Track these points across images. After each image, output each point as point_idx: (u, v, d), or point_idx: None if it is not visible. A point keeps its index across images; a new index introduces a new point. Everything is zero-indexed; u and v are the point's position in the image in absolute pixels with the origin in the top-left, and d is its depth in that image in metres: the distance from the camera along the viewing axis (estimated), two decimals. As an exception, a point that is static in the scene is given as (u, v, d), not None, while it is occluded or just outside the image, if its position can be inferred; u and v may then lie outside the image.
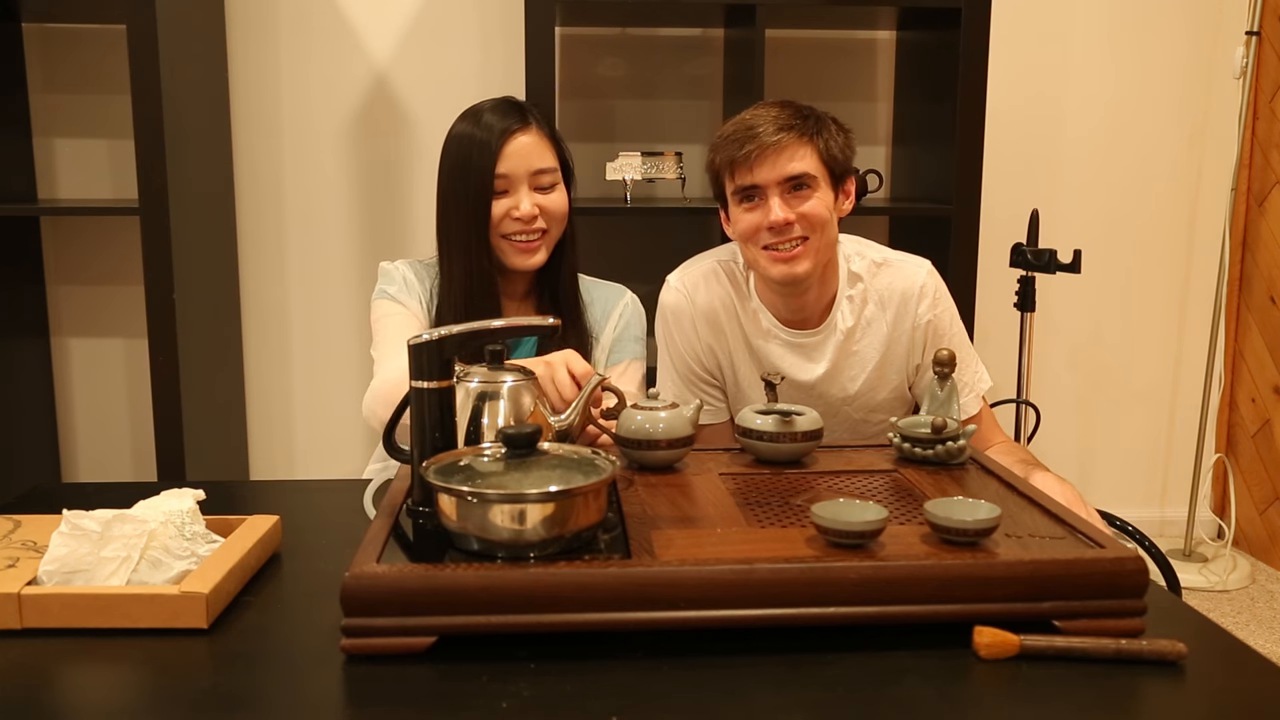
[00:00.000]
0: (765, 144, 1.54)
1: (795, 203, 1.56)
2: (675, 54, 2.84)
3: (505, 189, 1.62)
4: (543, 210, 1.63)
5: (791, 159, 1.55)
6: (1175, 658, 0.92)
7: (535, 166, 1.63)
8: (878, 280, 1.66)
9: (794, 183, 1.55)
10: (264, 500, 1.52)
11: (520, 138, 1.62)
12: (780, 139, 1.54)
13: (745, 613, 0.94)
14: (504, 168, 1.61)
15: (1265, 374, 3.06)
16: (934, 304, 1.64)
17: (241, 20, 2.74)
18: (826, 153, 1.57)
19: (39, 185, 2.73)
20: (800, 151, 1.55)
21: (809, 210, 1.55)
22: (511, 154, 1.61)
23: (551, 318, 1.22)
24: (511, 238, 1.63)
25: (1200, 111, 3.02)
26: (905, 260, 1.68)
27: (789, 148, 1.54)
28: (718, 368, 1.71)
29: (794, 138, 1.54)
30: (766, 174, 1.55)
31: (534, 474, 1.03)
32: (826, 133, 1.57)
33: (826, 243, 1.59)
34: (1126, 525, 1.88)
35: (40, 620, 0.99)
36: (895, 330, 1.64)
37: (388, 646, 0.93)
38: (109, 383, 2.84)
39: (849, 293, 1.66)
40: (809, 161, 1.55)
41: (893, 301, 1.64)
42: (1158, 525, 3.17)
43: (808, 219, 1.55)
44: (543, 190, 1.64)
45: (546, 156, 1.65)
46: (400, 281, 1.66)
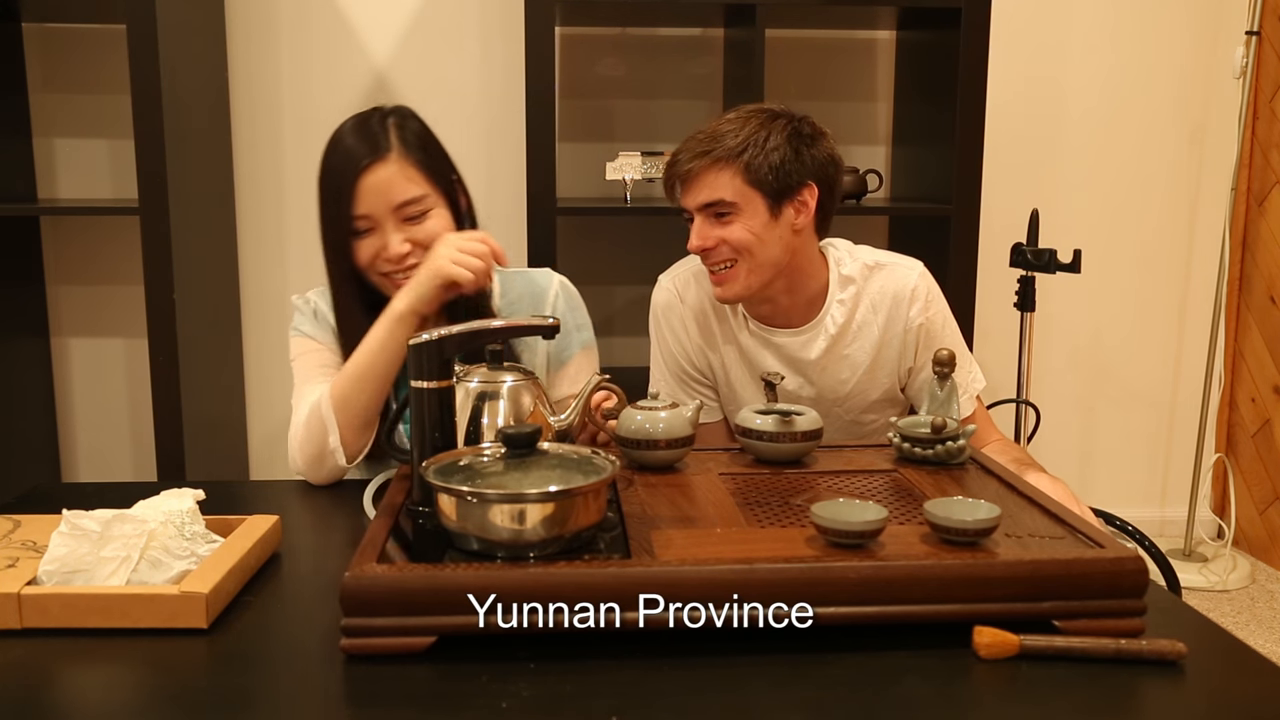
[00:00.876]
0: (679, 172, 1.55)
1: (718, 227, 1.55)
2: (675, 54, 2.84)
3: (369, 228, 1.48)
4: (415, 244, 1.48)
5: (704, 187, 1.53)
6: (1175, 658, 0.92)
7: (396, 200, 1.47)
8: (870, 283, 1.64)
9: (713, 208, 1.54)
10: (264, 500, 1.52)
11: (376, 172, 1.46)
12: (691, 168, 1.53)
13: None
14: (363, 208, 1.47)
15: (1265, 374, 3.06)
16: (925, 306, 1.63)
17: (241, 20, 2.74)
18: (750, 175, 1.51)
19: (39, 185, 2.73)
20: (714, 179, 1.52)
21: (727, 236, 1.54)
22: (368, 191, 1.46)
23: (551, 318, 1.22)
24: (391, 276, 1.50)
25: (1200, 111, 3.02)
26: (897, 263, 1.67)
27: (700, 175, 1.53)
28: (708, 367, 1.71)
29: (707, 164, 1.52)
30: (688, 199, 1.56)
31: (534, 474, 1.03)
32: (752, 150, 1.51)
33: (761, 263, 1.55)
34: (1126, 525, 1.88)
35: (40, 620, 0.99)
36: (887, 333, 1.64)
37: (388, 646, 0.93)
38: (109, 383, 2.84)
39: (841, 296, 1.64)
40: (725, 187, 1.52)
41: (884, 304, 1.63)
42: (1158, 525, 3.17)
43: (729, 244, 1.54)
44: (412, 221, 1.48)
45: (409, 187, 1.47)
46: (311, 316, 1.57)
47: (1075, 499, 1.28)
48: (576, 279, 1.83)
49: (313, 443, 1.45)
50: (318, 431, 1.45)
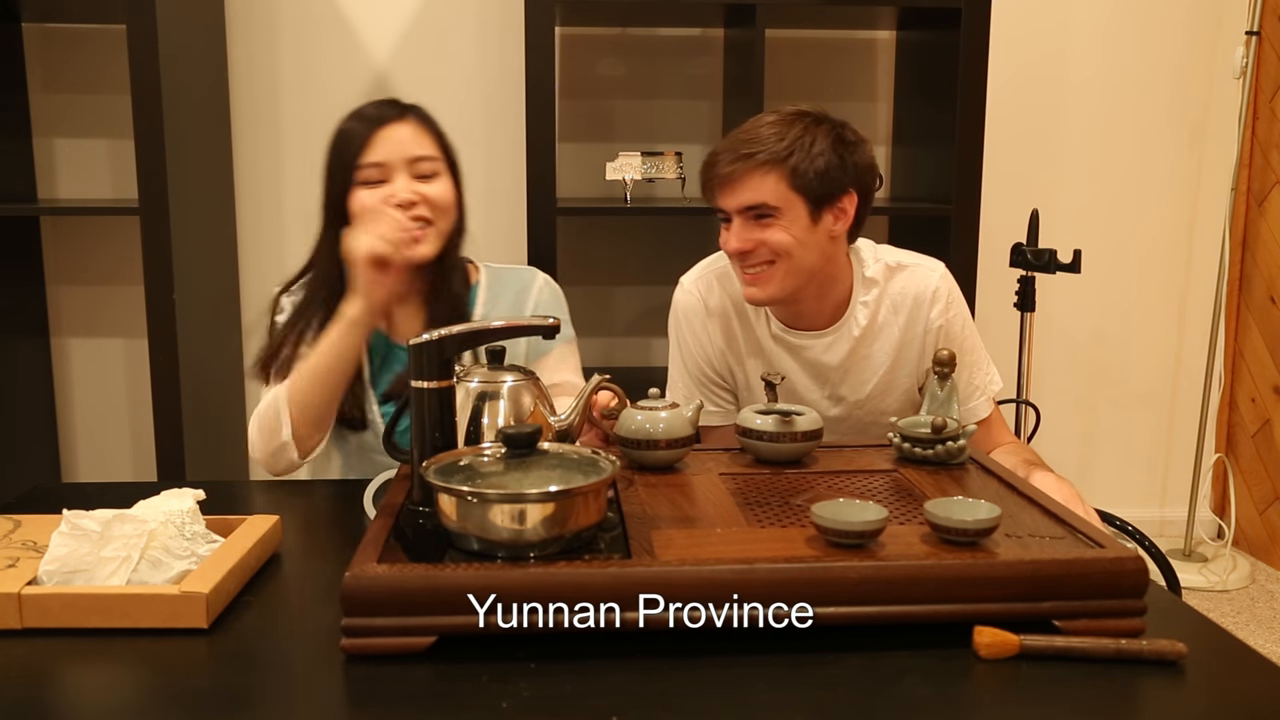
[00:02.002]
0: (720, 175, 1.53)
1: (755, 230, 1.53)
2: (675, 54, 2.84)
3: (382, 178, 1.52)
4: (424, 198, 1.52)
5: (747, 189, 1.51)
6: (1175, 658, 0.92)
7: (412, 153, 1.53)
8: (892, 284, 1.64)
9: (755, 211, 1.52)
10: (264, 500, 1.52)
11: (396, 127, 1.54)
12: (734, 170, 1.51)
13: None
14: (378, 155, 1.51)
15: (1265, 374, 3.06)
16: (946, 308, 1.63)
17: (241, 20, 2.74)
18: (795, 179, 1.50)
19: (39, 185, 2.73)
20: (758, 182, 1.50)
21: (768, 239, 1.52)
22: (385, 140, 1.52)
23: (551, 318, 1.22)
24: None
25: (1200, 111, 3.02)
26: (919, 264, 1.66)
27: (744, 178, 1.51)
28: (728, 370, 1.71)
29: (752, 167, 1.50)
30: (728, 201, 1.54)
31: (534, 474, 1.03)
32: (801, 154, 1.49)
33: (798, 267, 1.54)
34: (1126, 525, 1.88)
35: (40, 620, 0.99)
36: (907, 334, 1.63)
37: (388, 646, 0.93)
38: (109, 383, 2.84)
39: (864, 298, 1.64)
40: (768, 190, 1.50)
41: (905, 305, 1.63)
42: (1158, 525, 3.17)
43: (768, 246, 1.53)
44: (424, 178, 1.53)
45: (425, 144, 1.55)
46: (289, 309, 1.60)
47: (1080, 500, 1.28)
48: (576, 279, 1.84)
49: (265, 436, 1.49)
50: (271, 425, 1.49)
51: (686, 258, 3.08)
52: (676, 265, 2.92)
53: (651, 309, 2.94)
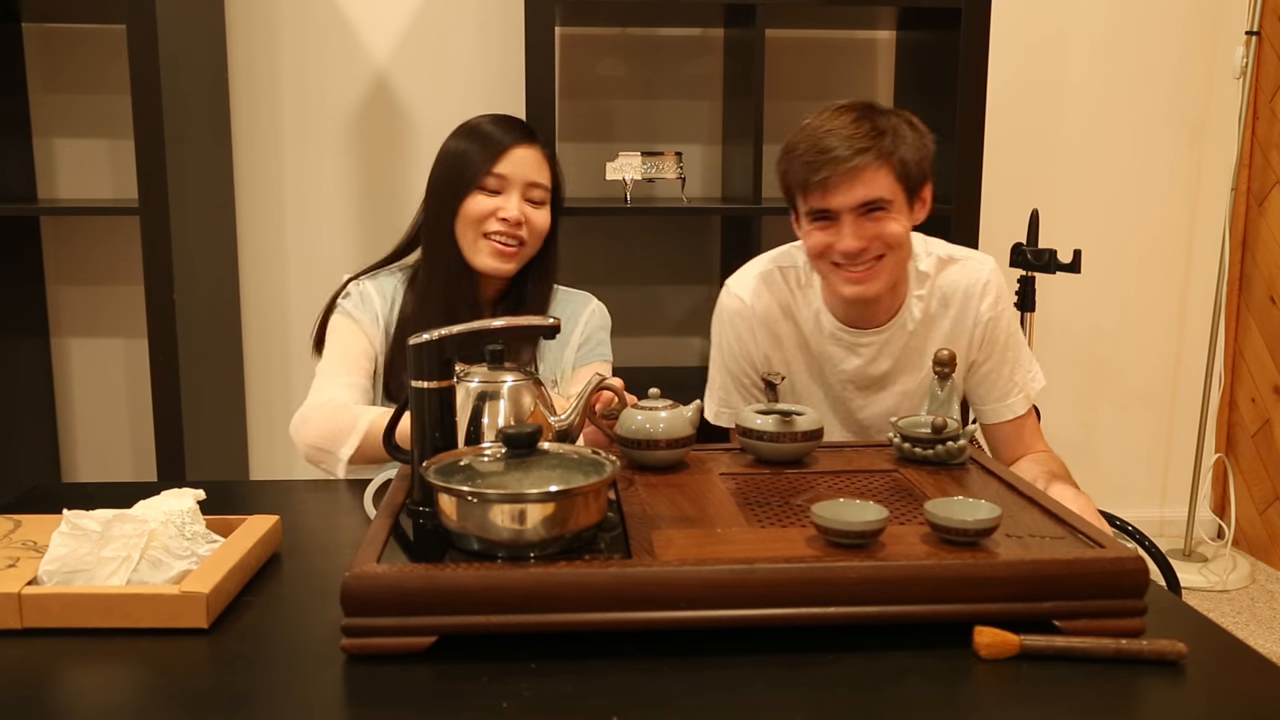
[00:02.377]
0: (839, 170, 1.46)
1: (870, 226, 1.50)
2: (675, 54, 2.84)
3: (499, 189, 1.64)
4: (528, 220, 1.65)
5: (866, 185, 1.47)
6: (1175, 658, 0.92)
7: (532, 178, 1.65)
8: (943, 277, 1.64)
9: (868, 206, 1.49)
10: (264, 500, 1.52)
11: (527, 148, 1.66)
12: (855, 164, 1.46)
13: (745, 613, 0.94)
14: (505, 168, 1.63)
15: (1265, 374, 3.06)
16: (995, 303, 1.63)
17: (241, 20, 2.74)
18: (902, 170, 1.49)
19: (39, 185, 2.73)
20: (875, 176, 1.47)
21: (883, 233, 1.50)
22: (516, 158, 1.64)
23: (552, 318, 1.22)
24: (491, 237, 1.63)
25: (1200, 111, 3.02)
26: (970, 256, 1.67)
27: (864, 172, 1.47)
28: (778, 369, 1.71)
29: (869, 160, 1.46)
30: (840, 200, 1.49)
31: (534, 474, 1.03)
32: (903, 146, 1.49)
33: (903, 258, 1.56)
34: (1126, 525, 1.88)
35: (40, 620, 0.99)
36: (957, 326, 1.63)
37: (388, 646, 0.93)
38: (109, 383, 2.84)
39: (918, 292, 1.64)
40: (884, 185, 1.48)
41: (956, 298, 1.63)
42: (1158, 525, 3.17)
43: (882, 240, 1.50)
44: (533, 204, 1.66)
45: (543, 173, 1.68)
46: (356, 296, 1.68)
47: (1096, 516, 1.27)
48: (576, 279, 1.84)
49: (325, 438, 1.51)
50: (335, 434, 1.50)
51: (686, 258, 3.08)
52: (676, 265, 2.94)
53: (651, 309, 2.94)
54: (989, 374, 1.65)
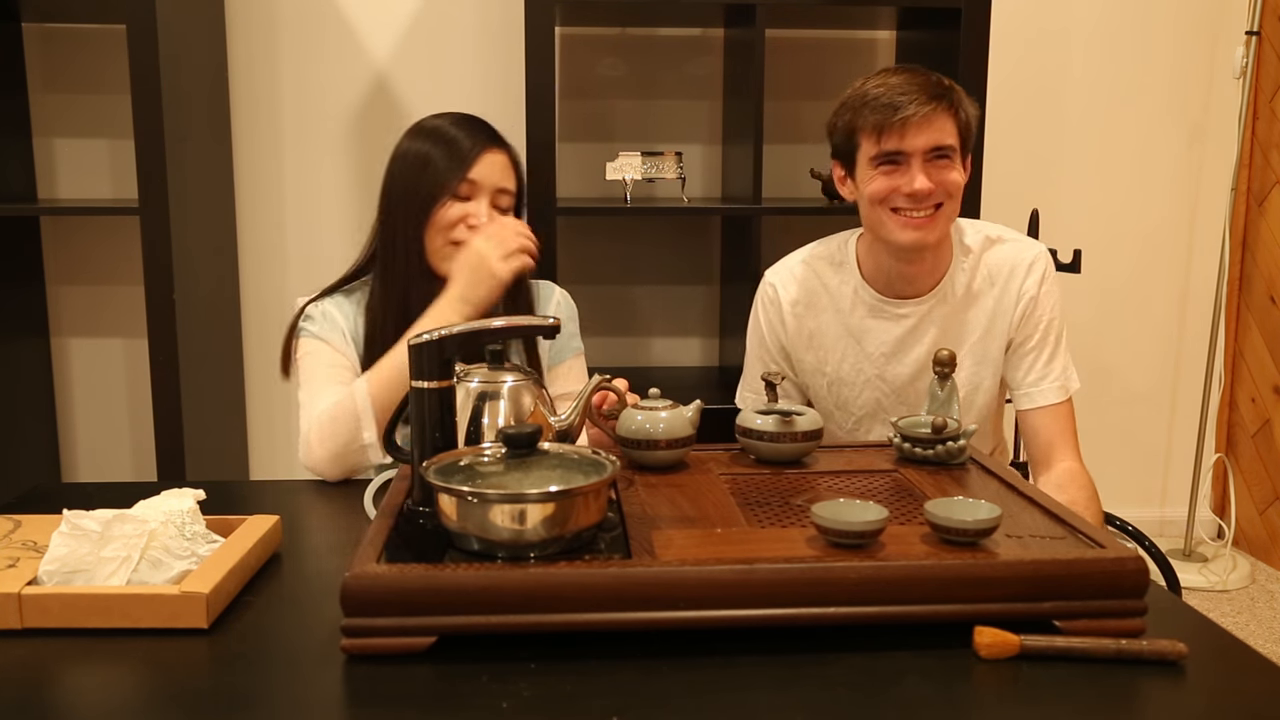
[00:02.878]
0: (919, 112, 1.54)
1: (935, 172, 1.57)
2: (675, 54, 2.84)
3: (469, 195, 1.59)
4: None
5: (940, 129, 1.56)
6: (1175, 658, 0.92)
7: (500, 184, 1.62)
8: (990, 254, 1.67)
9: (937, 152, 1.57)
10: (264, 500, 1.52)
11: (497, 154, 1.62)
12: (933, 108, 1.55)
13: (745, 613, 0.94)
14: (478, 174, 1.59)
15: (1265, 374, 3.06)
16: (1041, 281, 1.66)
17: (241, 20, 2.74)
18: (965, 124, 1.59)
19: (39, 185, 2.73)
20: (946, 123, 1.57)
21: (947, 179, 1.57)
22: (487, 164, 1.60)
23: (552, 318, 1.22)
24: (459, 244, 1.57)
25: (1200, 111, 3.02)
26: (1020, 239, 1.71)
27: (939, 117, 1.56)
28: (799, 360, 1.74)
29: (943, 108, 1.56)
30: (914, 142, 1.56)
31: (534, 474, 1.03)
32: (964, 102, 1.60)
33: (953, 213, 1.62)
34: (1126, 525, 1.88)
35: (40, 620, 0.99)
36: (1001, 303, 1.66)
37: (388, 646, 0.93)
38: (109, 383, 2.84)
39: (962, 264, 1.68)
40: (951, 133, 1.58)
41: (1001, 276, 1.66)
42: (1158, 525, 3.17)
43: (945, 187, 1.57)
44: (500, 210, 1.62)
45: (510, 179, 1.64)
46: (320, 317, 1.62)
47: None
48: (576, 279, 1.85)
49: (340, 437, 1.47)
50: (348, 426, 1.47)
51: (686, 258, 3.08)
52: (676, 265, 2.94)
53: (651, 309, 2.94)
54: (1027, 355, 1.67)
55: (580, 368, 1.73)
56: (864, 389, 1.71)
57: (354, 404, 1.48)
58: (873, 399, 1.71)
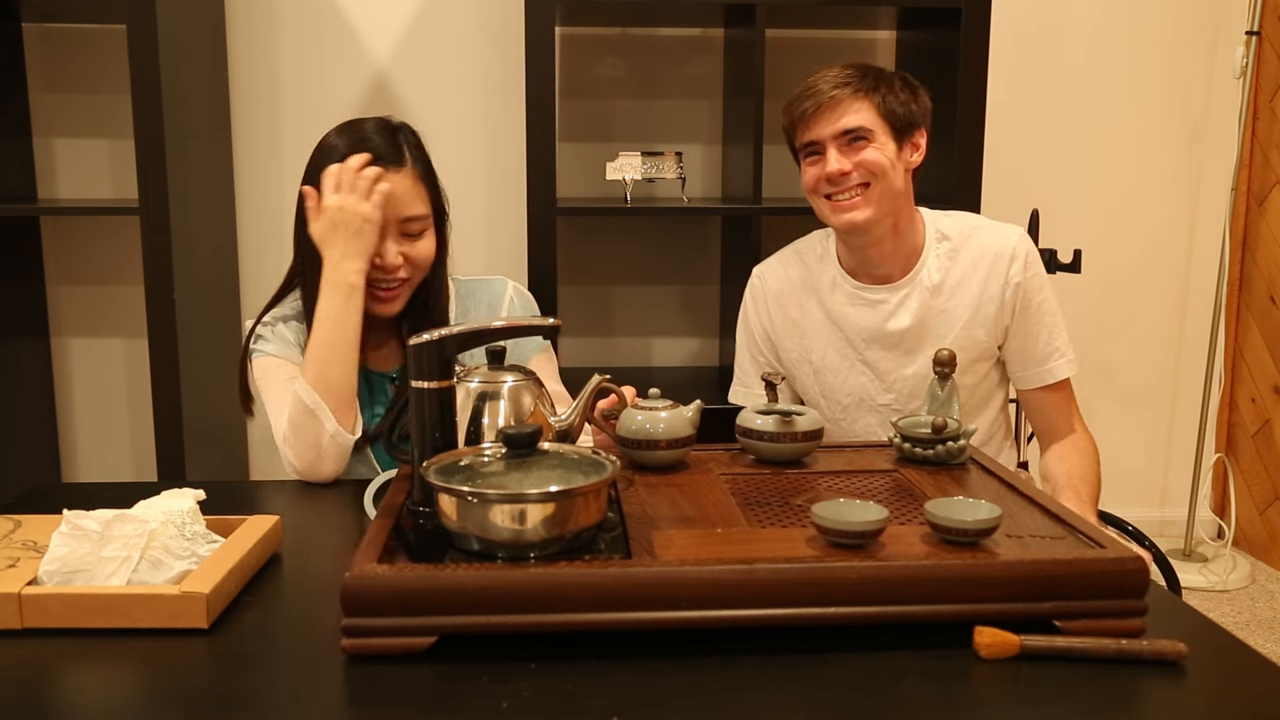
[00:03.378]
0: (820, 101, 1.63)
1: (852, 154, 1.63)
2: (675, 54, 2.84)
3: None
4: (407, 259, 1.53)
5: (845, 114, 1.62)
6: (1175, 658, 0.92)
7: (404, 214, 1.51)
8: (970, 241, 1.70)
9: (850, 136, 1.63)
10: (264, 500, 1.52)
11: (394, 177, 1.50)
12: (835, 95, 1.62)
13: (745, 613, 0.94)
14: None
15: (1265, 374, 3.06)
16: (1026, 266, 1.68)
17: (241, 20, 2.74)
18: (885, 107, 1.63)
19: (39, 185, 2.73)
20: (855, 106, 1.63)
21: (865, 158, 1.62)
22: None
23: (552, 319, 1.22)
24: (373, 285, 1.52)
25: (1200, 111, 3.02)
26: (999, 225, 1.73)
27: (843, 103, 1.62)
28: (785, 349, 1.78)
29: (848, 94, 1.62)
30: (822, 129, 1.64)
31: (534, 474, 1.03)
32: (885, 88, 1.64)
33: (889, 190, 1.64)
34: (1126, 525, 1.88)
35: (40, 620, 0.99)
36: (987, 290, 1.68)
37: (388, 646, 0.93)
38: (109, 383, 2.84)
39: (937, 250, 1.70)
40: (864, 116, 1.62)
41: (985, 262, 1.68)
42: (1158, 525, 3.17)
43: (864, 166, 1.62)
44: (410, 237, 1.53)
45: (417, 204, 1.53)
46: (271, 336, 1.57)
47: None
48: (576, 279, 1.84)
49: (306, 437, 1.45)
50: (308, 423, 1.45)
51: (686, 258, 3.08)
52: (676, 265, 2.94)
53: (651, 309, 2.94)
54: (1026, 338, 1.69)
55: (548, 363, 1.66)
56: (848, 375, 1.74)
57: (303, 404, 1.45)
58: (858, 384, 1.74)
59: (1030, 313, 1.68)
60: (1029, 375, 1.71)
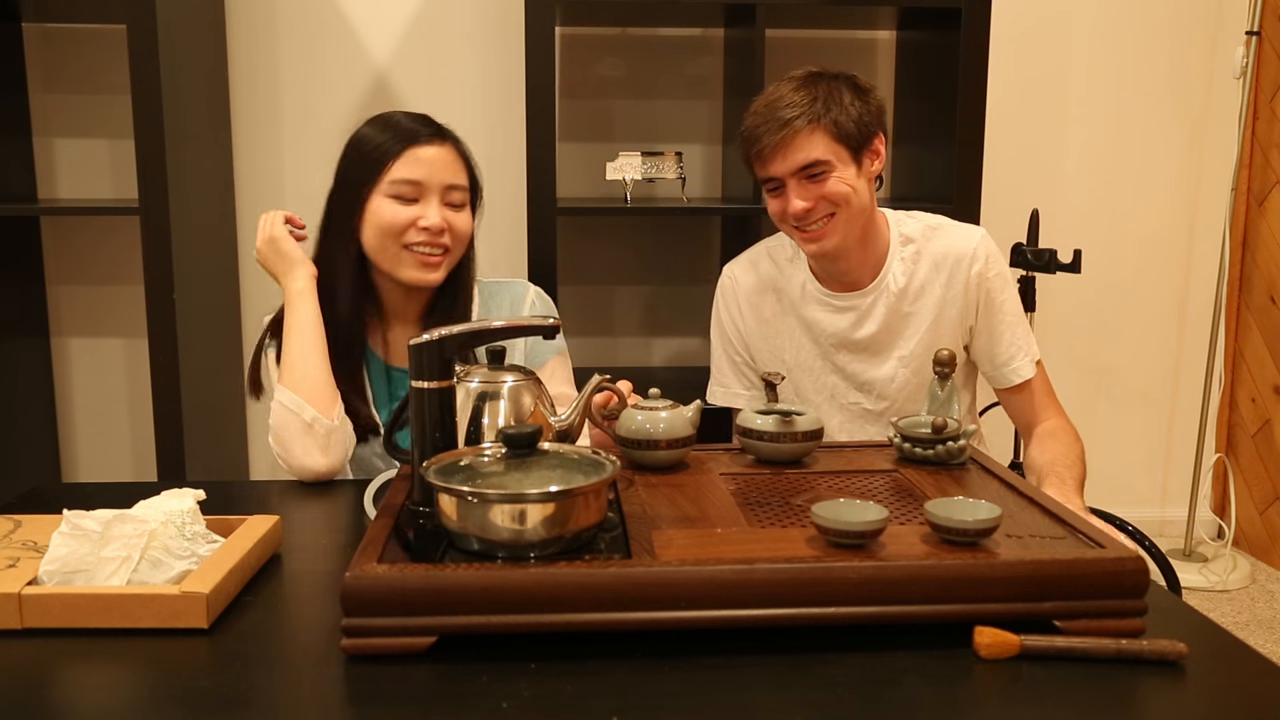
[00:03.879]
0: (773, 140, 1.58)
1: (813, 187, 1.60)
2: (675, 54, 2.84)
3: (415, 196, 1.54)
4: (450, 227, 1.56)
5: (799, 149, 1.58)
6: (1175, 658, 0.92)
7: (448, 181, 1.56)
8: (932, 244, 1.69)
9: (807, 171, 1.59)
10: (264, 500, 1.52)
11: (435, 147, 1.56)
12: (784, 134, 1.57)
13: (745, 613, 0.94)
14: (416, 173, 1.54)
15: (1265, 374, 3.06)
16: (988, 265, 1.68)
17: (242, 20, 2.74)
18: (838, 130, 1.58)
19: (39, 185, 2.73)
20: (808, 140, 1.58)
21: (827, 191, 1.59)
22: (426, 160, 1.54)
23: (552, 318, 1.22)
24: (414, 248, 1.54)
25: (1200, 111, 3.02)
26: (959, 225, 1.73)
27: (795, 138, 1.57)
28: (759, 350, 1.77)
29: (800, 126, 1.57)
30: (779, 167, 1.60)
31: (534, 474, 1.03)
32: (834, 106, 1.59)
33: (856, 212, 1.62)
34: (1126, 525, 1.88)
35: (40, 620, 0.99)
36: (949, 292, 1.68)
37: (388, 646, 0.93)
38: (109, 383, 2.84)
39: (901, 254, 1.70)
40: (820, 147, 1.58)
41: (946, 264, 1.68)
42: (1158, 525, 3.17)
43: (827, 198, 1.60)
44: (453, 207, 1.57)
45: (459, 174, 1.58)
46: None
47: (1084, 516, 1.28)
48: (576, 279, 1.84)
49: (291, 434, 1.48)
50: (288, 419, 1.49)
51: (686, 258, 3.08)
52: (676, 265, 2.94)
53: (651, 309, 2.94)
54: (991, 338, 1.69)
55: (563, 368, 1.67)
56: (820, 375, 1.75)
57: (280, 404, 1.50)
58: (829, 383, 1.75)
59: (994, 312, 1.68)
60: (997, 375, 1.72)
